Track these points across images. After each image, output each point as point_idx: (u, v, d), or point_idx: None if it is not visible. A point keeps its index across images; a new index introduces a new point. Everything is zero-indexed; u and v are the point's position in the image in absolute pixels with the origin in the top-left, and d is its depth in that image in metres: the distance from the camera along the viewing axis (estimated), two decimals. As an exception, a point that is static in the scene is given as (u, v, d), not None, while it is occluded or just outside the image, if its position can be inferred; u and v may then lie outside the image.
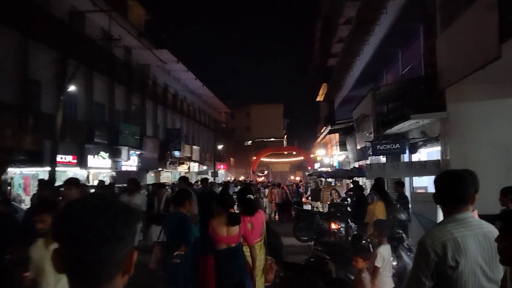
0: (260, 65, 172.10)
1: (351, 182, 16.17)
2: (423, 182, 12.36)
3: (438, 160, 10.13)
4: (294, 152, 60.24)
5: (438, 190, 2.57)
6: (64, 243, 1.20)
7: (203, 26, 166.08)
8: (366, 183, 16.53)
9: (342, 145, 24.15)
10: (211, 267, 5.59)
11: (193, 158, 37.73)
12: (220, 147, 47.71)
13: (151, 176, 29.42)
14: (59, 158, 16.12)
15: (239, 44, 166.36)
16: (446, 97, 9.71)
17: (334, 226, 11.65)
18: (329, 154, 35.46)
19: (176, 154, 32.74)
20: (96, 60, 20.69)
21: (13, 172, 15.56)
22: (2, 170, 14.90)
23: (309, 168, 50.15)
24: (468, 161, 8.64)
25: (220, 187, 19.14)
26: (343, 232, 11.28)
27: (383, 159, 14.51)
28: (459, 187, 2.49)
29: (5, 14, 14.97)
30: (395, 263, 6.70)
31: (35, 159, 15.74)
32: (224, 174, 51.91)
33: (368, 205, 8.91)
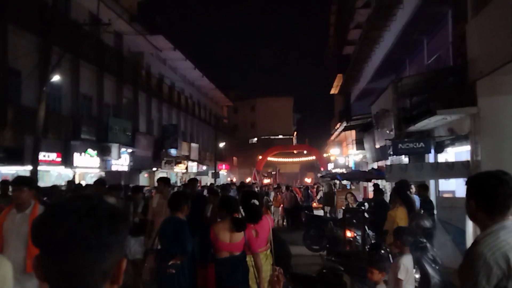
0: (267, 53, 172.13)
1: (373, 185, 16.15)
2: (450, 186, 12.34)
3: (468, 161, 10.11)
4: (305, 151, 60.25)
5: (481, 194, 2.53)
6: (45, 250, 1.21)
7: (203, 9, 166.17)
8: (386, 186, 16.52)
9: (359, 143, 24.13)
10: (212, 278, 5.62)
11: (191, 157, 37.81)
12: (221, 145, 47.79)
13: (144, 177, 29.55)
14: (42, 156, 16.16)
15: (243, 29, 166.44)
16: (477, 90, 9.68)
17: (349, 234, 11.66)
18: (344, 154, 35.44)
19: (173, 152, 32.81)
20: (83, 47, 20.74)
21: (-10, 171, 15.68)
22: (-22, 170, 15.02)
23: (321, 169, 50.18)
24: (501, 162, 8.61)
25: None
26: (360, 241, 11.28)
27: (405, 159, 14.49)
28: (509, 191, 2.46)
29: (-19, -5, 15.07)
30: (417, 276, 6.70)
31: (15, 157, 15.83)
32: (226, 175, 52.01)
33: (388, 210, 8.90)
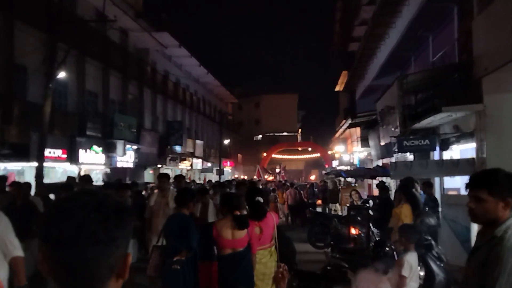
0: (271, 49, 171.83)
1: (378, 182, 16.12)
2: (456, 183, 12.29)
3: (473, 158, 10.08)
4: (310, 148, 60.29)
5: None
6: (52, 245, 1.22)
7: (208, 6, 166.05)
8: (391, 184, 16.49)
9: (364, 140, 24.10)
10: (215, 275, 5.62)
11: (196, 154, 37.87)
12: (226, 142, 47.84)
13: (149, 173, 29.59)
14: (47, 152, 16.22)
15: (247, 26, 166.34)
16: (483, 87, 9.64)
17: (354, 232, 11.65)
18: (349, 151, 35.42)
19: (177, 149, 32.87)
20: (88, 44, 20.78)
21: (-4, 167, 15.74)
22: (-15, 166, 15.08)
23: (326, 166, 50.17)
24: (507, 159, 8.58)
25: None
26: (364, 238, 11.27)
27: (410, 156, 14.45)
28: None
29: (-13, -9, 15.11)
30: (422, 273, 6.69)
31: (20, 154, 15.86)
32: (231, 172, 52.06)
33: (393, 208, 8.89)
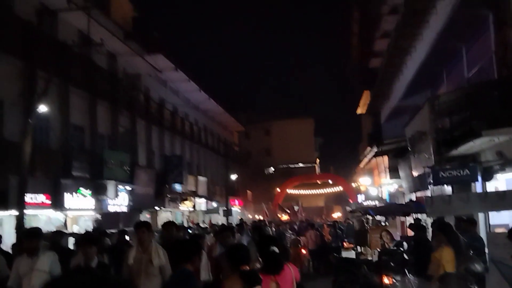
0: (281, 68, 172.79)
1: (413, 221, 15.97)
2: (503, 219, 12.17)
3: (522, 189, 9.99)
4: (330, 181, 60.03)
5: None
6: None
7: (207, 24, 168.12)
8: (427, 221, 16.35)
9: (393, 171, 23.95)
10: None
11: (199, 193, 37.80)
12: (233, 177, 47.81)
13: (146, 217, 29.52)
14: (29, 198, 16.28)
15: (252, 45, 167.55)
16: (529, 106, 9.62)
17: (387, 281, 11.49)
18: (376, 183, 35.21)
19: (177, 188, 32.82)
20: (72, 71, 21.01)
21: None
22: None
23: (350, 201, 49.89)
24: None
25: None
26: (399, 288, 11.12)
27: (448, 188, 14.35)
28: None
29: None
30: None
31: (-3, 201, 15.96)
32: (240, 212, 51.84)
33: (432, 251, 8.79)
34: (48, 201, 18.44)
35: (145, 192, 27.70)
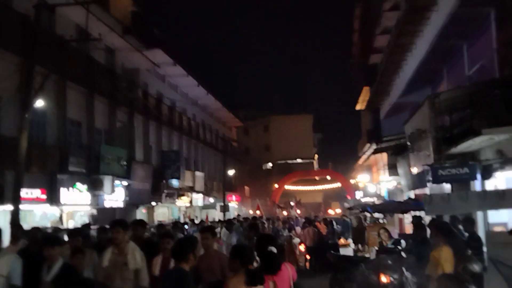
0: (281, 63, 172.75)
1: (413, 218, 15.96)
2: (502, 217, 12.15)
3: (521, 188, 9.99)
4: (329, 177, 60.11)
5: None
6: None
7: (205, 18, 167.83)
8: (426, 218, 16.35)
9: (392, 168, 23.97)
10: None
11: (196, 188, 37.82)
12: (231, 172, 47.81)
13: (142, 213, 29.55)
14: (24, 193, 16.26)
15: (251, 39, 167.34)
16: (529, 105, 9.61)
17: (384, 279, 11.49)
18: (374, 180, 35.31)
19: (174, 183, 32.84)
20: (70, 66, 20.98)
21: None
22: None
23: (348, 197, 49.94)
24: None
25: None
26: (397, 287, 11.12)
27: (447, 186, 14.34)
28: None
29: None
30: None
31: (-7, 196, 15.94)
32: (237, 207, 51.89)
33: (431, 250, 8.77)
34: (43, 196, 18.44)
35: (141, 188, 27.71)
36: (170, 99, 36.41)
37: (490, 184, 12.22)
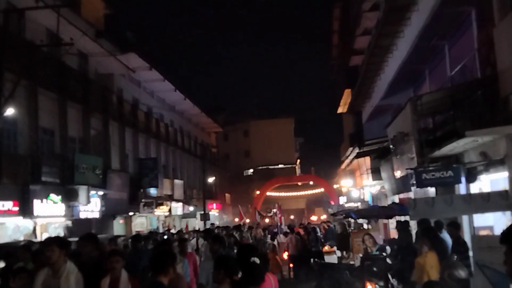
0: (260, 66, 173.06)
1: (398, 223, 16.03)
2: (487, 221, 12.25)
3: (506, 191, 10.06)
4: (311, 182, 60.22)
5: None
6: None
7: (183, 19, 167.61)
8: (411, 224, 16.44)
9: (376, 172, 24.05)
10: None
11: (175, 197, 37.64)
12: (211, 179, 47.69)
13: (120, 223, 29.32)
14: (-5, 206, 16.09)
15: (230, 41, 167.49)
16: (512, 106, 9.71)
17: (370, 287, 11.51)
18: (358, 185, 35.37)
19: (152, 192, 32.67)
20: (41, 72, 20.81)
21: None
22: None
23: (331, 203, 50.05)
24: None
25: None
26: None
27: (431, 190, 14.43)
28: None
29: None
30: None
31: (-38, 209, 15.71)
32: (218, 216, 51.72)
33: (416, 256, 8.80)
34: (16, 208, 18.19)
35: (118, 197, 27.49)
36: (146, 105, 36.25)
37: (475, 187, 12.30)
